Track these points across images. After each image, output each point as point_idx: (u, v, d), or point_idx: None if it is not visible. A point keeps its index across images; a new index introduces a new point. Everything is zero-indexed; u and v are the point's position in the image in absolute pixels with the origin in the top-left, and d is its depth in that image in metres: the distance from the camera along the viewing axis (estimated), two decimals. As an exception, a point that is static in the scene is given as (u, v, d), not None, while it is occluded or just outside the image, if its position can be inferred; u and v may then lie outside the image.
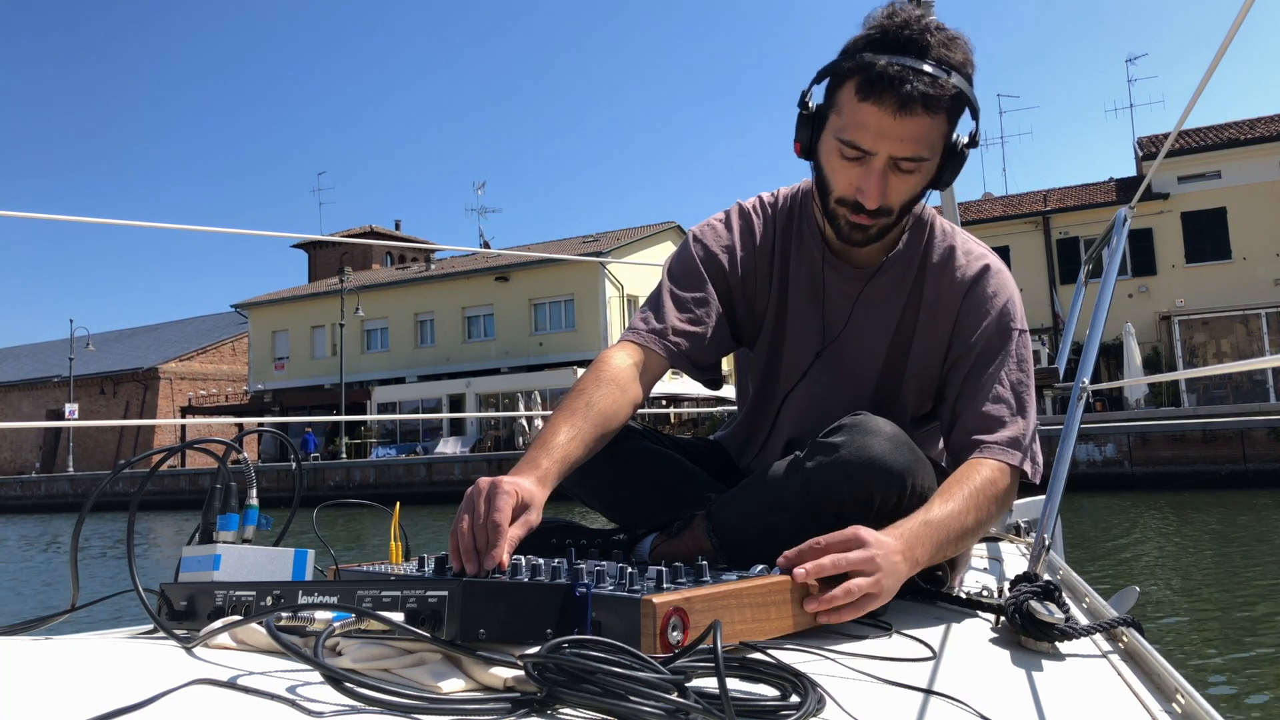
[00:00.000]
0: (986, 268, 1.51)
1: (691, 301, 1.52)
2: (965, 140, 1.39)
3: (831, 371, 1.57)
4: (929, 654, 1.05)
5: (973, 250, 1.53)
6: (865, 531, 1.15)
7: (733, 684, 0.81)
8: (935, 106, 1.29)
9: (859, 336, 1.55)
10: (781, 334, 1.60)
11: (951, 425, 1.47)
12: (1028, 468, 1.41)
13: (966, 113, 1.37)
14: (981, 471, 1.34)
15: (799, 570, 1.09)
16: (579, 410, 1.33)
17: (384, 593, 0.91)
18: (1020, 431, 1.41)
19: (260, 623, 0.93)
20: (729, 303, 1.57)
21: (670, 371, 1.57)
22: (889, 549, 1.15)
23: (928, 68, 1.28)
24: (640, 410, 1.65)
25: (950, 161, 1.39)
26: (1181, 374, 1.59)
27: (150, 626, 1.17)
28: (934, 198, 1.56)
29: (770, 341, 1.61)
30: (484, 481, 1.15)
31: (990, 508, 1.32)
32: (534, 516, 1.16)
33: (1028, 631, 1.12)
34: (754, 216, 1.59)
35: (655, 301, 1.53)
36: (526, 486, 1.17)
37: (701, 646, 0.82)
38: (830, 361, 1.57)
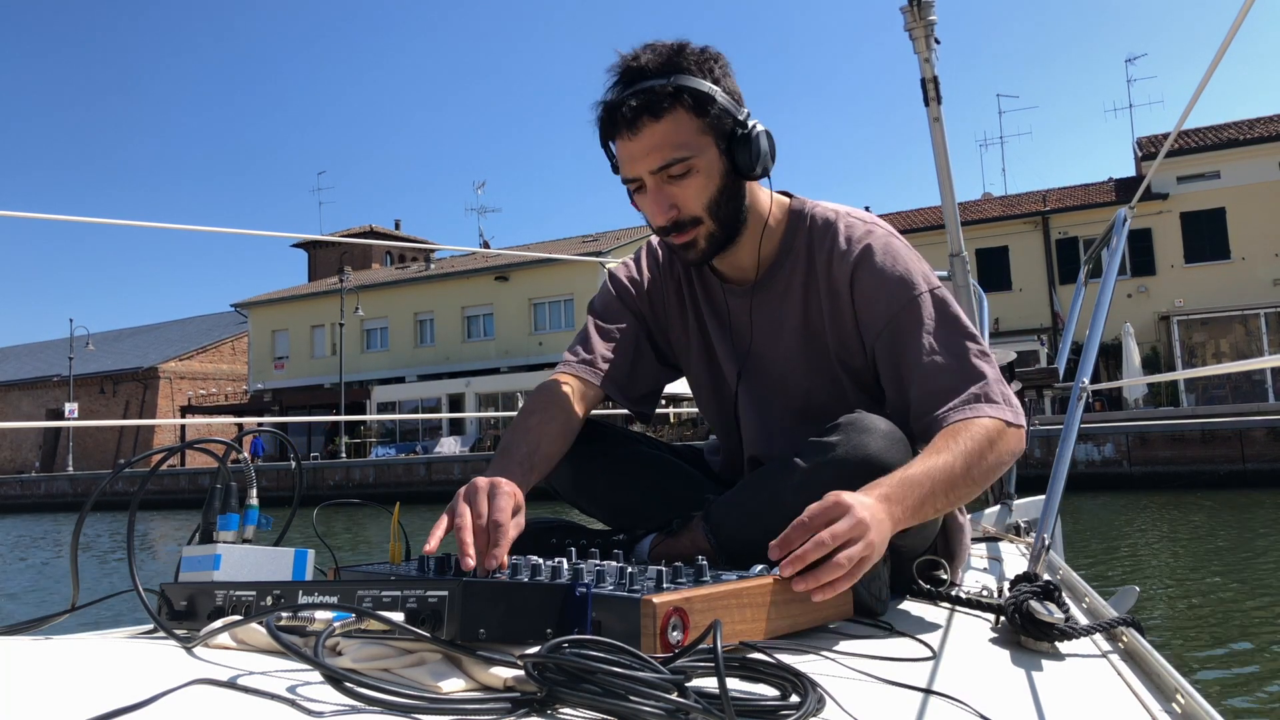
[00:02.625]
0: (868, 249, 1.45)
1: (614, 331, 1.59)
2: (740, 124, 1.38)
3: (760, 387, 1.57)
4: (929, 654, 1.05)
5: (855, 232, 1.48)
6: (845, 496, 1.11)
7: (733, 684, 0.81)
8: (658, 110, 1.33)
9: (767, 346, 1.55)
10: (706, 361, 1.63)
11: (905, 416, 1.40)
12: (1006, 415, 1.31)
13: (724, 101, 1.36)
14: (969, 428, 1.28)
15: (788, 566, 1.06)
16: (539, 430, 1.40)
17: (384, 593, 0.91)
18: (980, 388, 1.33)
19: (260, 623, 0.93)
20: (649, 330, 1.63)
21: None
22: (872, 507, 1.12)
23: (642, 84, 1.33)
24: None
25: (734, 147, 1.38)
26: (1180, 374, 1.60)
27: (150, 626, 1.17)
28: (937, 196, 1.56)
29: (706, 368, 1.64)
30: (482, 481, 1.16)
31: (982, 457, 1.25)
32: (522, 520, 1.19)
33: (1028, 631, 1.12)
34: (660, 251, 1.66)
35: (584, 336, 1.60)
36: (518, 489, 1.19)
37: (701, 646, 0.82)
38: (754, 378, 1.58)
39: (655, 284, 1.63)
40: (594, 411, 1.57)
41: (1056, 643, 1.11)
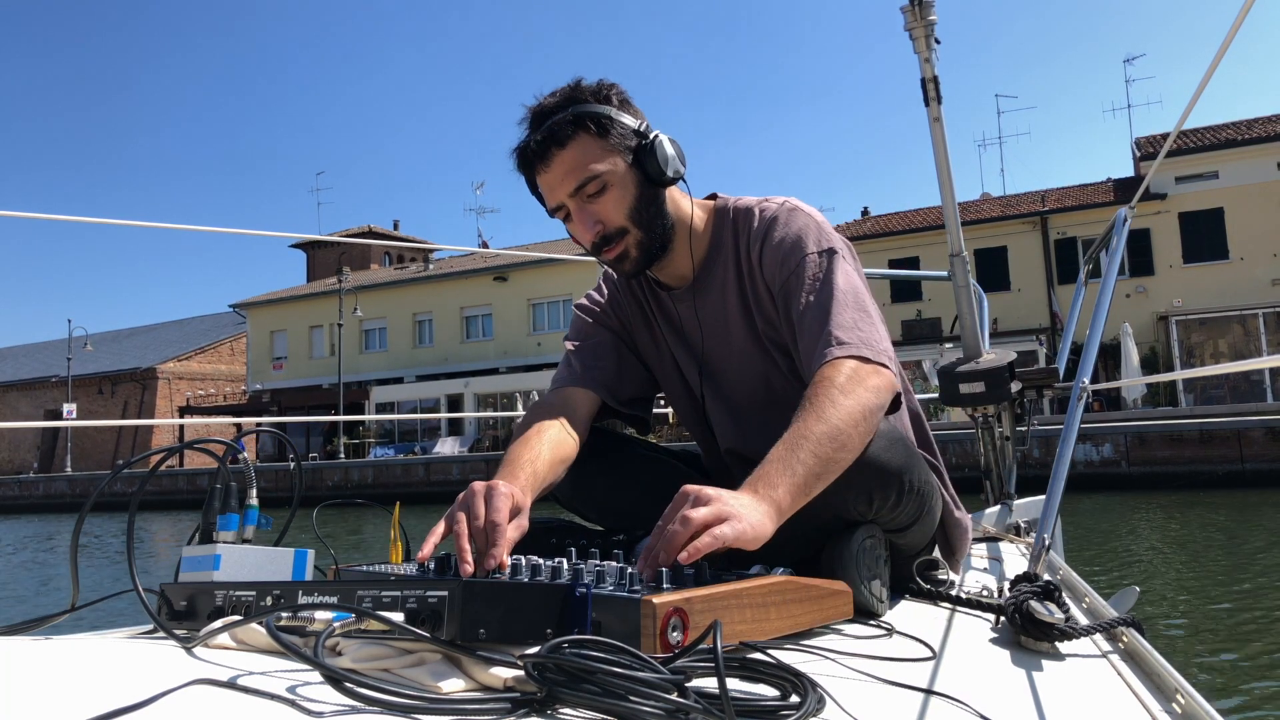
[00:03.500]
0: (772, 222, 1.51)
1: (594, 345, 1.64)
2: (642, 136, 1.45)
3: (722, 383, 1.61)
4: (929, 654, 1.06)
5: (766, 210, 1.54)
6: (692, 488, 1.13)
7: (733, 684, 0.81)
8: (563, 138, 1.42)
9: (718, 343, 1.59)
10: (675, 369, 1.67)
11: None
12: (862, 353, 1.32)
13: (622, 119, 1.44)
14: (812, 384, 1.29)
15: (681, 556, 1.04)
16: (539, 438, 1.41)
17: (384, 593, 0.91)
18: (829, 334, 1.36)
19: (260, 623, 0.93)
20: (625, 342, 1.68)
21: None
22: (737, 496, 1.12)
23: (546, 122, 1.43)
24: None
25: (641, 157, 1.45)
26: (1179, 374, 1.60)
27: (150, 626, 1.17)
28: (937, 196, 1.57)
29: (675, 374, 1.67)
30: (478, 485, 1.17)
31: (831, 405, 1.23)
32: (525, 521, 1.19)
33: (1028, 631, 1.12)
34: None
35: (564, 360, 1.65)
36: (517, 491, 1.19)
37: (701, 646, 0.82)
38: (714, 376, 1.62)
39: (618, 303, 1.69)
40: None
41: (1056, 643, 1.11)
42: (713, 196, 1.62)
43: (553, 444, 1.41)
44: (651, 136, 1.45)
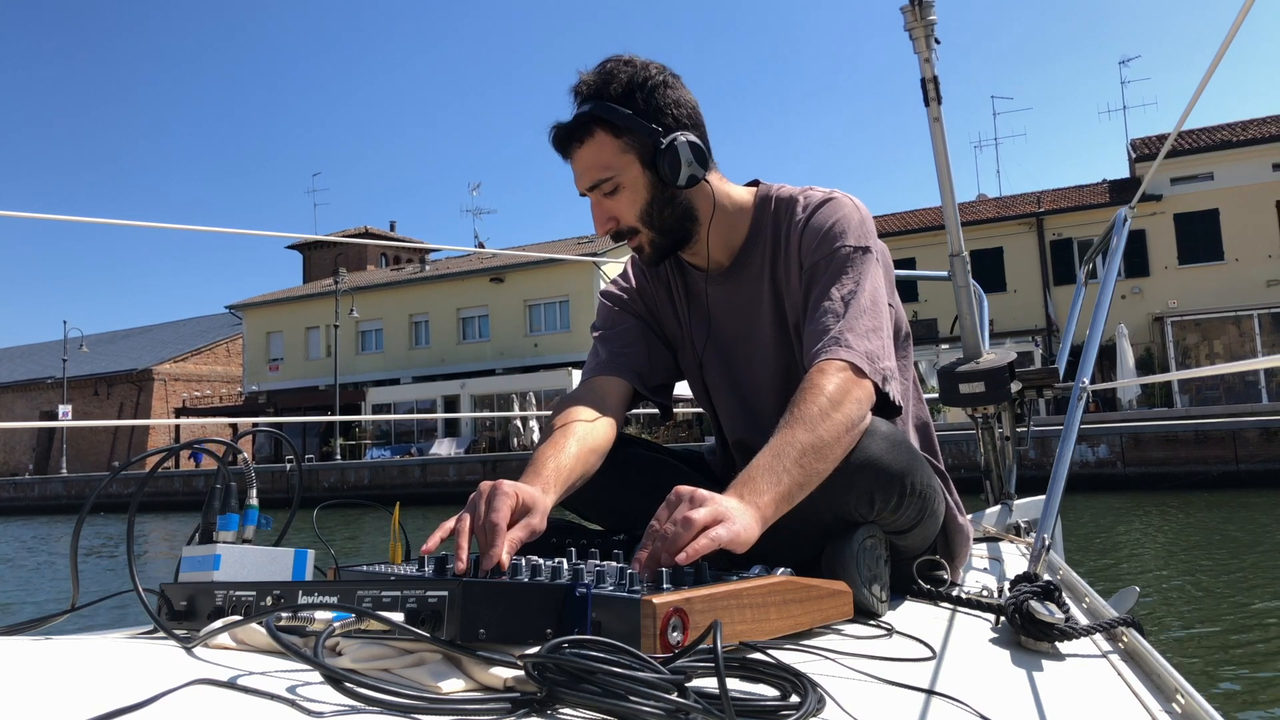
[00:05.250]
0: (823, 202, 1.52)
1: (619, 334, 1.64)
2: (660, 137, 1.44)
3: (735, 370, 1.62)
4: (929, 654, 1.06)
5: (812, 197, 1.55)
6: (685, 489, 1.14)
7: (733, 684, 0.81)
8: (582, 135, 1.45)
9: (741, 329, 1.59)
10: (689, 355, 1.68)
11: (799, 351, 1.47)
12: (859, 362, 1.34)
13: (641, 121, 1.43)
14: (802, 389, 1.30)
15: (680, 557, 1.06)
16: (565, 431, 1.40)
17: (384, 593, 0.90)
18: (841, 331, 1.37)
19: (260, 623, 0.92)
20: (652, 329, 1.68)
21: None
22: (725, 499, 1.14)
23: (576, 112, 1.45)
24: (637, 411, 1.67)
25: (660, 160, 1.44)
26: (1175, 375, 1.60)
27: (150, 626, 1.17)
28: (935, 197, 1.58)
29: (694, 363, 1.68)
30: (485, 485, 1.17)
31: (819, 418, 1.24)
32: (537, 521, 1.17)
33: (1028, 631, 1.12)
34: None
35: (593, 352, 1.66)
36: (528, 490, 1.19)
37: (701, 646, 0.82)
38: (728, 361, 1.62)
39: (645, 290, 1.69)
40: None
41: (1056, 643, 1.11)
42: (755, 183, 1.62)
43: (580, 436, 1.40)
44: (668, 140, 1.44)
